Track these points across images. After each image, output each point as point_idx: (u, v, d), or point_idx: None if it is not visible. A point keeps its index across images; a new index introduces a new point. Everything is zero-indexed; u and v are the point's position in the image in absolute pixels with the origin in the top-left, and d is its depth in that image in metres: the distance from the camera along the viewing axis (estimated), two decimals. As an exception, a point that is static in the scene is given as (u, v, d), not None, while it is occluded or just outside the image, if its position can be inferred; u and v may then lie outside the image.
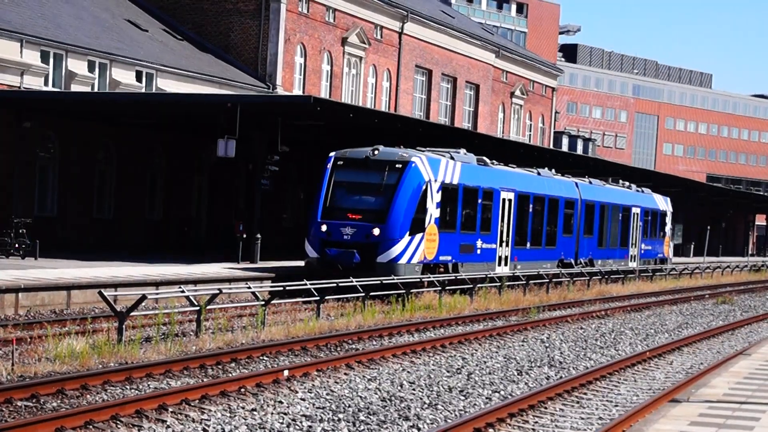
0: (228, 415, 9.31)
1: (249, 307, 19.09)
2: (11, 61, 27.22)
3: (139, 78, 32.74)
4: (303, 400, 10.43)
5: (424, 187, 23.72)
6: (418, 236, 23.54)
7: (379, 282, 22.16)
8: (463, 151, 28.19)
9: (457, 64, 53.77)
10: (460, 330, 19.66)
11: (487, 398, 11.57)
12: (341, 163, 24.45)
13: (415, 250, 23.43)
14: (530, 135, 61.68)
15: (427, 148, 26.84)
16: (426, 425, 9.40)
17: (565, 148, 67.33)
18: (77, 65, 30.47)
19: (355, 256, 22.58)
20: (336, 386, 11.59)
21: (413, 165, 23.62)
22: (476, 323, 21.45)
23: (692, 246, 67.31)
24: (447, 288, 24.17)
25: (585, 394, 12.38)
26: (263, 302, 17.64)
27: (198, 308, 15.47)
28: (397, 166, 23.61)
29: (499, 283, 26.48)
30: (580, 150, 69.24)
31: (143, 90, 32.40)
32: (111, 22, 35.21)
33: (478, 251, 27.41)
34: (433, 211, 24.18)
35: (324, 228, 23.24)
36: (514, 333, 19.71)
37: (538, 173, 32.48)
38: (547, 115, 64.41)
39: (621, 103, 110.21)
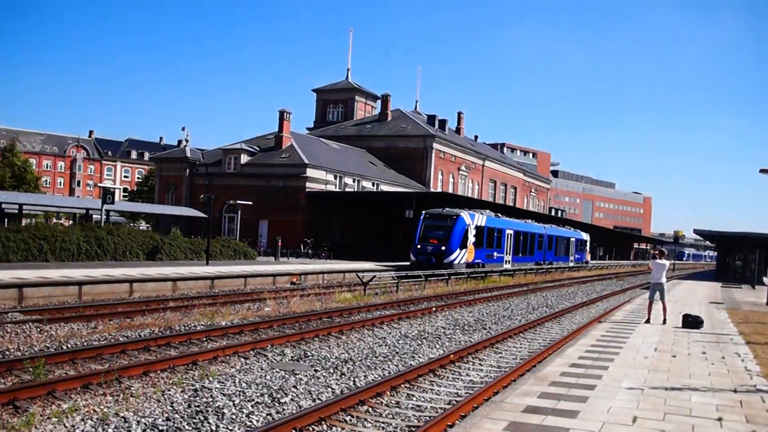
0: (409, 325, 21.26)
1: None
2: (321, 179, 56.12)
3: (374, 185, 68.43)
4: (441, 320, 23.07)
5: (466, 227, 43.88)
6: (464, 250, 43.51)
7: (454, 272, 41.59)
8: (488, 210, 51.54)
9: (507, 179, 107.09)
10: (506, 291, 36.11)
11: (519, 320, 23.79)
12: (427, 216, 44.73)
13: (463, 256, 43.44)
14: (538, 208, 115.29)
15: (474, 209, 50.01)
16: (492, 330, 21.51)
17: (553, 213, 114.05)
18: (348, 180, 64.81)
19: (432, 259, 42.01)
20: (455, 315, 24.24)
21: (461, 216, 43.77)
22: (511, 289, 37.64)
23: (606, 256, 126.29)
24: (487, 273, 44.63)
25: (562, 318, 25.07)
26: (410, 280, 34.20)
27: (395, 282, 31.16)
28: (453, 217, 43.79)
29: (510, 272, 48.29)
30: (560, 215, 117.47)
31: (374, 190, 64.44)
32: (361, 161, 74.38)
33: (495, 258, 49.52)
34: (471, 238, 44.35)
35: (419, 246, 43.25)
36: (527, 293, 35.23)
37: (525, 221, 60.10)
38: (545, 200, 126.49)
39: (577, 195, 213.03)
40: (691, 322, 20.40)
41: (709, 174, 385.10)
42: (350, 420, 9.98)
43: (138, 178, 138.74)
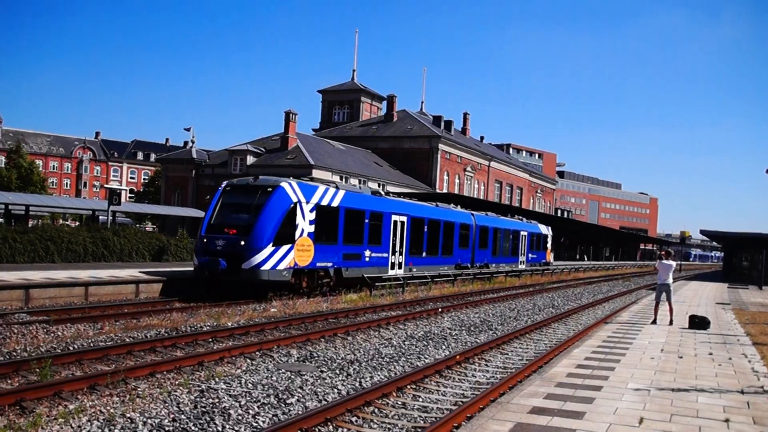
0: (415, 326, 21.19)
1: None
2: (327, 181, 56.73)
3: (379, 186, 62.48)
4: (447, 321, 22.93)
5: (290, 206, 25.11)
6: (285, 247, 24.81)
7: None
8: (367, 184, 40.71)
9: (513, 179, 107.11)
10: (513, 292, 36.22)
11: (525, 321, 23.79)
12: (229, 188, 26.62)
13: (284, 257, 24.82)
14: (544, 209, 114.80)
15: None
16: (498, 331, 21.36)
17: (559, 214, 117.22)
18: (354, 181, 62.32)
19: (221, 263, 23.87)
20: (460, 316, 24.16)
21: (280, 188, 25.10)
22: (518, 289, 39.52)
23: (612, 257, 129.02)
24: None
25: (569, 319, 24.96)
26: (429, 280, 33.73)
27: (401, 282, 31.27)
28: (268, 189, 25.18)
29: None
30: (566, 215, 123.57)
31: (381, 192, 59.76)
32: (366, 162, 75.44)
33: (367, 258, 30.43)
34: (302, 225, 25.65)
35: (204, 240, 24.94)
36: (534, 294, 36.78)
37: (436, 205, 39.59)
38: (551, 201, 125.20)
39: (583, 196, 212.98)
40: (698, 323, 20.38)
41: (716, 174, 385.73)
42: (356, 421, 9.97)
43: (144, 179, 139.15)
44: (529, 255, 55.51)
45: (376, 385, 11.69)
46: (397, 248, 33.13)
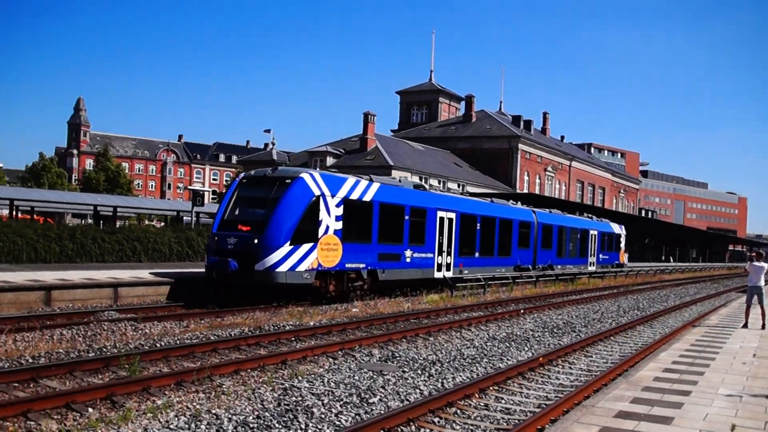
0: (497, 327, 20.85)
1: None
2: (405, 180, 52.62)
3: (459, 187, 67.56)
4: (529, 322, 22.63)
5: (312, 199, 22.35)
6: (305, 246, 22.04)
7: (542, 274, 37.92)
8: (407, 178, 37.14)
9: (595, 179, 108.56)
10: (596, 294, 35.90)
11: (610, 323, 23.22)
12: (245, 181, 24.19)
13: (304, 257, 22.07)
14: (627, 209, 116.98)
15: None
16: (582, 333, 20.78)
17: (643, 214, 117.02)
18: (434, 182, 64.18)
19: (231, 264, 21.28)
20: (543, 317, 23.84)
21: (300, 179, 22.32)
22: (601, 291, 38.82)
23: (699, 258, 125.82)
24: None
25: (655, 321, 24.29)
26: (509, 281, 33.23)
27: (482, 283, 30.75)
28: (286, 180, 22.46)
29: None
30: (650, 216, 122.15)
31: (460, 192, 54.96)
32: (446, 163, 76.99)
33: (408, 259, 27.52)
34: (327, 221, 22.89)
35: (216, 238, 22.41)
36: (618, 296, 35.80)
37: (491, 201, 36.83)
38: (634, 201, 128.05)
39: (668, 196, 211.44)
40: (792, 326, 19.66)
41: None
42: (438, 421, 9.89)
43: (226, 180, 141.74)
44: (600, 256, 51.53)
45: (458, 386, 11.59)
46: (445, 248, 30.09)
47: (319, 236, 22.68)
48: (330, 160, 64.63)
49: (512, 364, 14.41)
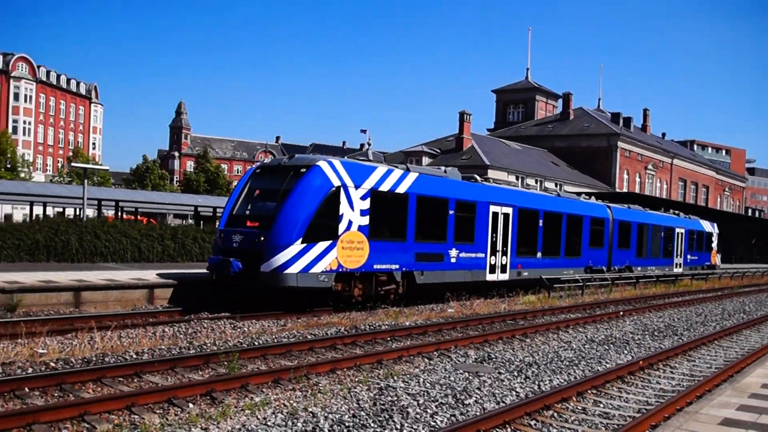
0: (595, 329, 20.50)
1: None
2: (506, 181, 47.09)
3: (557, 186, 63.18)
4: (629, 325, 22.14)
5: (330, 190, 19.54)
6: (320, 245, 19.23)
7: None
8: (446, 168, 26.99)
9: (698, 177, 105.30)
10: (699, 296, 34.42)
11: (714, 327, 22.46)
12: (258, 171, 21.60)
13: (318, 258, 19.26)
14: (732, 208, 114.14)
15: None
16: (684, 336, 20.18)
17: (750, 213, 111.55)
18: (530, 181, 64.42)
19: (235, 265, 18.72)
20: (643, 320, 23.25)
21: (317, 167, 19.61)
22: (705, 293, 36.83)
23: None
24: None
25: (762, 326, 23.32)
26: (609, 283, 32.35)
27: (580, 284, 30.19)
28: (300, 169, 19.86)
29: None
30: (757, 215, 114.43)
31: (557, 191, 52.64)
32: (543, 162, 76.42)
33: (455, 259, 24.55)
34: (350, 215, 20.06)
35: (222, 235, 20.12)
36: (722, 298, 34.41)
37: (558, 195, 33.59)
38: (740, 200, 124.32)
39: None
40: None
41: None
42: (535, 425, 9.77)
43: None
44: (688, 256, 46.90)
45: (555, 389, 11.42)
46: (499, 247, 26.77)
47: (340, 233, 19.86)
48: (426, 160, 64.71)
49: (611, 367, 14.11)
